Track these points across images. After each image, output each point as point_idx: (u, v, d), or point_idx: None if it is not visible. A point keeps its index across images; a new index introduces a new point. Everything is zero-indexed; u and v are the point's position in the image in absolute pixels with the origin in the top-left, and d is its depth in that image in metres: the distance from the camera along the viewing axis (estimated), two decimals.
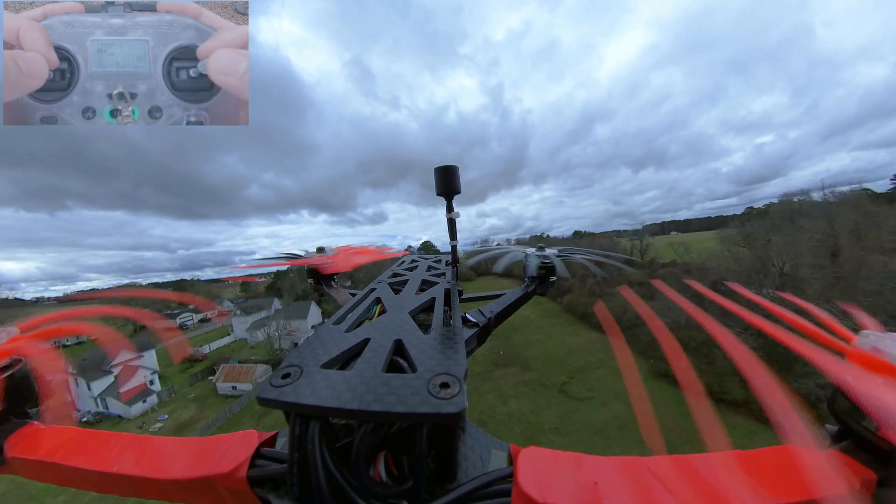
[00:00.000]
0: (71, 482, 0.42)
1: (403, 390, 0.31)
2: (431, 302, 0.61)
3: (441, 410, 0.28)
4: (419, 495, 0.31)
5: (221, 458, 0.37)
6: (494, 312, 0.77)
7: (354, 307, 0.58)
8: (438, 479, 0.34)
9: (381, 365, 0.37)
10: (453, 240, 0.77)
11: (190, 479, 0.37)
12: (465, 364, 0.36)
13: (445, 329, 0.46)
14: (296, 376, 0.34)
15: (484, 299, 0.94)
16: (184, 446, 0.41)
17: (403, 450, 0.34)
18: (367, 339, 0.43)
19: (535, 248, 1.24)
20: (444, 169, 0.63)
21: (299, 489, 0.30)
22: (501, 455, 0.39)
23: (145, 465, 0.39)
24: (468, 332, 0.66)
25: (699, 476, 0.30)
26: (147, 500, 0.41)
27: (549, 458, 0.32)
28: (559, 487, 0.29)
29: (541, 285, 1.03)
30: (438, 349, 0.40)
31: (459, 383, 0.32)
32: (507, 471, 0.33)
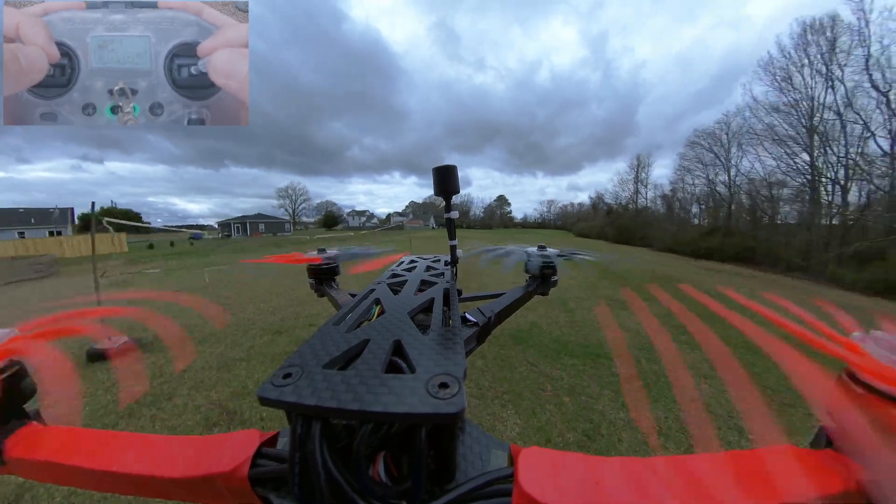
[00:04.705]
0: (71, 482, 0.42)
1: (402, 391, 0.31)
2: (430, 302, 0.60)
3: (440, 411, 0.28)
4: (419, 495, 0.31)
5: (222, 456, 0.37)
6: (494, 312, 0.76)
7: (354, 308, 0.58)
8: (438, 480, 0.34)
9: (381, 365, 0.36)
10: (452, 239, 0.76)
11: (191, 478, 0.37)
12: (464, 364, 0.36)
13: (444, 329, 0.46)
14: (297, 376, 0.34)
15: (483, 299, 0.94)
16: (185, 445, 0.41)
17: (403, 450, 0.34)
18: (366, 340, 0.42)
19: (537, 247, 1.25)
20: (443, 169, 0.62)
21: (300, 489, 0.30)
22: (501, 455, 0.38)
23: (146, 463, 0.39)
24: (467, 332, 0.65)
25: (700, 476, 0.30)
26: (148, 499, 0.41)
27: (550, 457, 0.32)
28: (560, 487, 0.29)
29: (542, 285, 1.03)
30: (437, 349, 0.40)
31: (458, 383, 0.32)
32: (508, 470, 0.33)
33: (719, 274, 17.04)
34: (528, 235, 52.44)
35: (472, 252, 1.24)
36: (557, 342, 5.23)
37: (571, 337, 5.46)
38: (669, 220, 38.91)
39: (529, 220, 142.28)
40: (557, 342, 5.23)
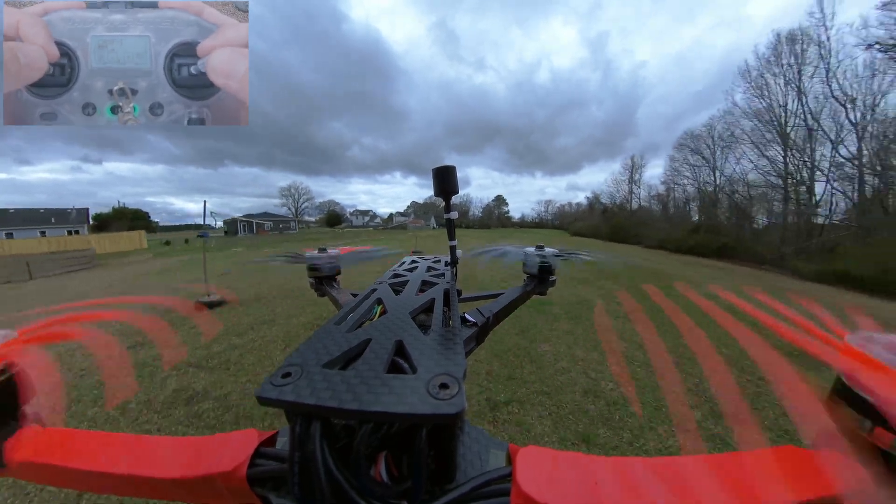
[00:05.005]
0: (71, 483, 0.42)
1: (403, 391, 0.31)
2: (431, 302, 0.61)
3: (440, 411, 0.29)
4: (418, 495, 0.31)
5: (222, 456, 0.38)
6: (493, 312, 0.77)
7: (356, 308, 0.59)
8: (438, 480, 0.34)
9: (382, 365, 0.37)
10: (452, 240, 0.75)
11: (190, 478, 0.37)
12: (463, 364, 0.37)
13: (445, 329, 0.47)
14: (297, 376, 0.34)
15: (483, 299, 0.96)
16: (184, 445, 0.41)
17: (403, 450, 0.34)
18: (368, 340, 0.43)
19: (535, 247, 1.26)
20: (442, 169, 0.62)
21: (300, 488, 0.30)
22: (500, 454, 0.39)
23: (146, 464, 0.39)
24: (467, 332, 0.66)
25: (698, 477, 0.30)
26: (148, 499, 0.41)
27: (548, 457, 0.33)
28: (559, 487, 0.29)
29: (540, 285, 1.05)
30: (438, 350, 0.40)
31: (458, 384, 0.32)
32: (506, 470, 0.33)
33: (693, 266, 18.98)
34: (522, 234, 54.19)
35: (471, 254, 1.27)
36: (536, 300, 6.63)
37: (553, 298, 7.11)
38: (663, 219, 40.74)
39: (527, 220, 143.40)
40: (536, 300, 6.63)
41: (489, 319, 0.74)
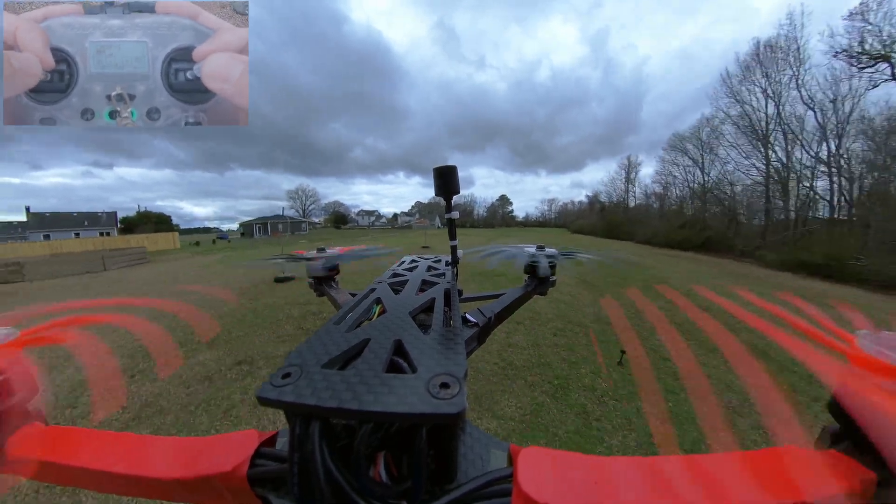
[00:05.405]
0: (72, 482, 0.42)
1: (403, 390, 0.31)
2: (431, 302, 0.61)
3: (440, 411, 0.29)
4: (419, 495, 0.31)
5: (222, 457, 0.38)
6: (494, 312, 0.77)
7: (354, 307, 0.58)
8: (438, 480, 0.34)
9: (382, 365, 0.37)
10: (453, 240, 0.76)
11: (190, 479, 0.37)
12: (464, 364, 0.36)
13: (445, 329, 0.47)
14: (296, 376, 0.34)
15: (484, 299, 0.95)
16: (185, 445, 0.41)
17: (403, 450, 0.34)
18: (367, 340, 0.43)
19: (536, 247, 1.28)
20: (443, 169, 0.62)
21: (300, 489, 0.30)
22: (501, 455, 0.39)
23: (146, 464, 0.40)
24: (468, 332, 0.66)
25: (700, 476, 0.30)
26: (149, 500, 0.39)
27: (549, 457, 0.32)
28: (560, 487, 0.29)
29: (541, 285, 1.04)
30: (438, 349, 0.40)
31: (459, 383, 0.32)
32: (507, 471, 0.33)
33: (675, 259, 21.28)
34: (524, 233, 55.93)
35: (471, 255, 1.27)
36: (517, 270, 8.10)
37: None
38: (658, 216, 42.80)
39: (531, 219, 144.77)
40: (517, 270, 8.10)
41: (490, 319, 0.75)
